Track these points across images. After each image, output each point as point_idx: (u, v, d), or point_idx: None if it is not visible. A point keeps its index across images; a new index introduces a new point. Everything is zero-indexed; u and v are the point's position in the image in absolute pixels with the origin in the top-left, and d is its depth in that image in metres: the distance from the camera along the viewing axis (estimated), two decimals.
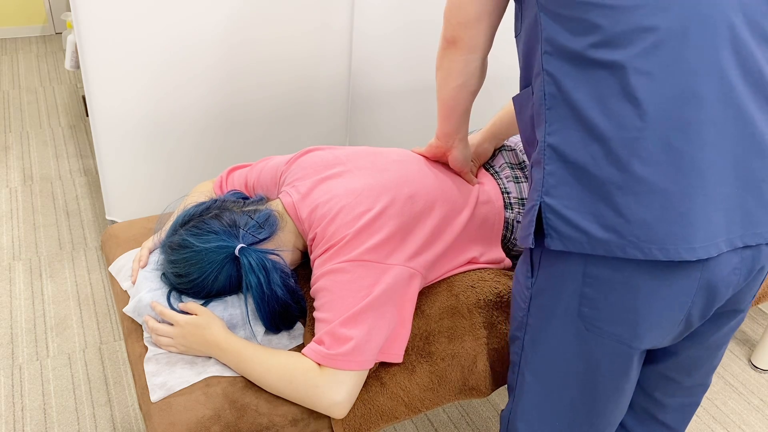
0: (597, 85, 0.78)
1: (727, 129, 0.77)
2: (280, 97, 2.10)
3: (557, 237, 0.83)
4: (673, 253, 0.77)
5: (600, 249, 0.80)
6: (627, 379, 0.94)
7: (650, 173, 0.77)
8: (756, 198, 0.80)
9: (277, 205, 1.18)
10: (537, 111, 0.86)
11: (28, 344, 1.82)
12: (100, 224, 2.35)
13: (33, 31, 4.11)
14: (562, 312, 0.90)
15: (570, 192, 0.81)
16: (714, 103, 0.76)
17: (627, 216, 0.78)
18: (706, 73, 0.76)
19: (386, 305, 1.04)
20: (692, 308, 0.84)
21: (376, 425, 1.07)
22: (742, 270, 0.83)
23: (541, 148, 0.84)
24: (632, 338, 0.86)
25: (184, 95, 1.93)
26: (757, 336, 2.02)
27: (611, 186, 0.78)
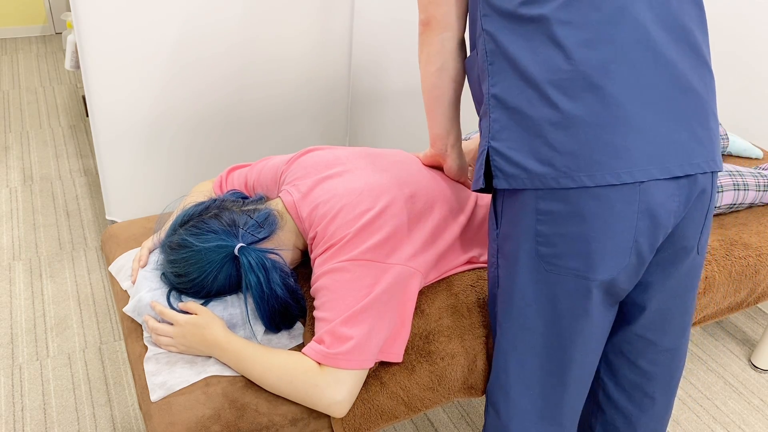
0: (528, 37, 0.89)
1: (647, 69, 0.87)
2: (280, 97, 2.10)
3: (502, 176, 0.93)
4: (600, 178, 0.87)
5: (537, 182, 0.90)
6: (590, 321, 0.98)
7: (577, 109, 0.86)
8: (688, 131, 0.90)
9: (277, 204, 1.18)
10: (481, 68, 0.96)
11: (28, 344, 1.82)
12: (100, 224, 2.35)
13: (33, 31, 4.11)
14: (524, 255, 0.96)
15: (511, 134, 0.92)
16: (630, 46, 0.87)
17: (559, 149, 0.88)
18: (621, 20, 0.87)
19: (387, 304, 1.04)
20: (638, 235, 0.91)
21: (376, 425, 1.07)
22: (680, 197, 0.91)
23: (486, 100, 0.95)
24: (587, 269, 0.92)
25: (184, 95, 1.93)
26: (757, 336, 2.02)
27: (545, 124, 0.88)
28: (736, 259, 1.39)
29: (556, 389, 1.03)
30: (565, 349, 1.00)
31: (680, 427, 1.69)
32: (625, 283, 0.97)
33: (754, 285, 1.42)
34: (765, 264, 1.42)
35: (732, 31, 2.05)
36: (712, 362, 1.91)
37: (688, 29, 0.91)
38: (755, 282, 1.42)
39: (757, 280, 1.42)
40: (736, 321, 2.08)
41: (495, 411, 1.08)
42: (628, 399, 1.15)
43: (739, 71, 2.07)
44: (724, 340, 2.00)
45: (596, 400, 1.19)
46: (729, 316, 1.52)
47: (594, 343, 1.02)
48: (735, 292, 1.40)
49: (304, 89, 2.13)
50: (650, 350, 1.10)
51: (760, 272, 1.41)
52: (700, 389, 1.81)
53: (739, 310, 1.47)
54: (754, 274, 1.41)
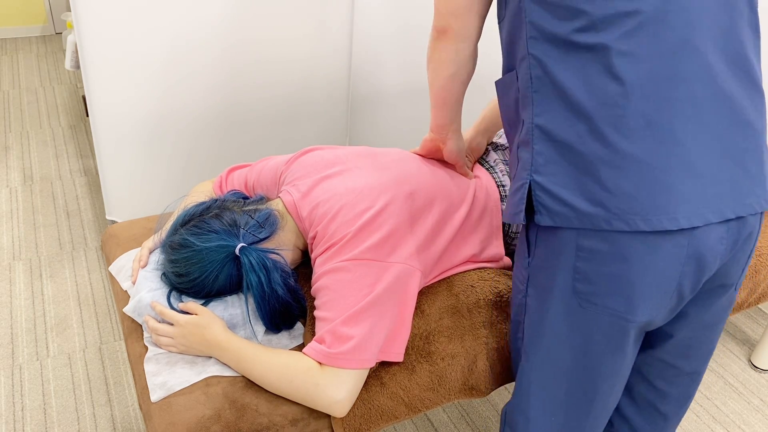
0: (582, 66, 0.82)
1: (707, 105, 0.81)
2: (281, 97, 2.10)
3: (546, 213, 0.87)
4: (656, 223, 0.81)
5: (587, 222, 0.84)
6: (623, 358, 0.95)
7: (633, 148, 0.80)
8: (742, 169, 0.84)
9: (277, 204, 1.18)
10: (523, 94, 0.90)
11: (28, 344, 1.82)
12: (100, 224, 2.35)
13: (33, 31, 4.11)
14: (558, 289, 0.91)
15: (558, 169, 0.85)
16: (692, 81, 0.80)
17: (612, 189, 0.82)
18: (684, 53, 0.80)
19: (387, 304, 1.04)
20: (682, 278, 0.86)
21: (376, 425, 1.07)
22: (728, 240, 0.87)
23: (528, 129, 0.88)
24: (627, 310, 0.88)
25: (184, 95, 1.93)
26: (757, 336, 2.02)
27: (597, 161, 0.82)
28: None
29: (580, 418, 1.00)
30: (593, 382, 0.96)
31: (680, 427, 1.69)
32: (661, 321, 0.93)
33: (754, 285, 1.42)
34: (765, 264, 1.42)
35: None
36: (712, 362, 1.91)
37: (747, 58, 0.85)
38: (755, 282, 1.42)
39: (757, 280, 1.42)
40: (736, 321, 2.08)
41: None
42: (640, 415, 1.12)
43: None
44: (724, 340, 2.00)
45: None
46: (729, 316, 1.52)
47: (622, 377, 0.98)
48: None
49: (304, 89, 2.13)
50: (670, 373, 1.07)
51: (760, 272, 1.41)
52: (700, 389, 1.81)
53: (739, 310, 1.47)
54: (754, 274, 1.41)
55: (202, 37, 1.87)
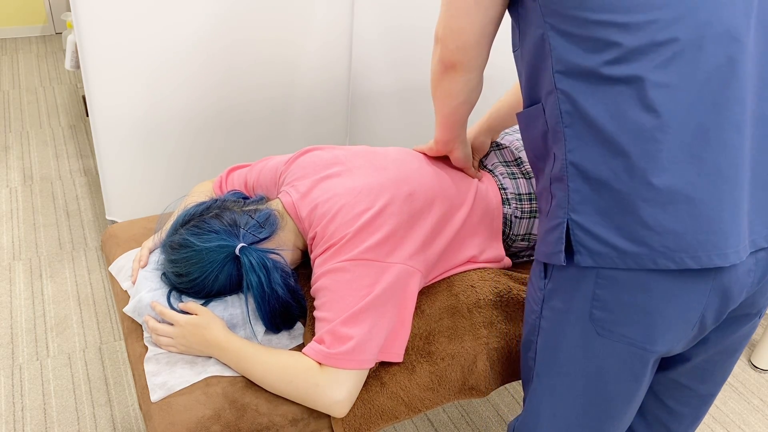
0: (615, 100, 0.77)
1: (745, 130, 0.78)
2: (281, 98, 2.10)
3: (587, 253, 0.83)
4: (706, 260, 0.78)
5: (631, 262, 0.80)
6: (639, 385, 0.92)
7: (674, 183, 0.77)
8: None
9: (277, 204, 1.18)
10: (553, 129, 0.86)
11: (28, 344, 1.82)
12: (100, 224, 2.35)
13: (33, 31, 4.11)
14: (575, 315, 0.89)
15: (596, 208, 0.82)
16: (732, 108, 0.76)
17: (655, 228, 0.78)
18: (721, 80, 0.76)
19: (387, 304, 1.04)
20: (706, 311, 0.84)
21: (376, 425, 1.07)
22: (757, 272, 0.83)
23: (563, 166, 0.85)
24: (646, 341, 0.85)
25: (184, 95, 1.93)
26: (757, 336, 2.02)
27: (636, 199, 0.78)
28: None
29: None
30: (606, 409, 0.94)
31: None
32: (680, 350, 0.91)
33: None
34: None
35: None
36: None
37: None
38: None
39: None
40: None
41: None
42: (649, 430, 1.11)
43: None
44: None
45: None
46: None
47: (636, 402, 0.96)
48: None
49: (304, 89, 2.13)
50: (684, 394, 1.05)
51: None
52: None
53: None
54: None
55: (203, 37, 1.87)
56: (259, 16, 1.92)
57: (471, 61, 0.96)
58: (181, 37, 1.84)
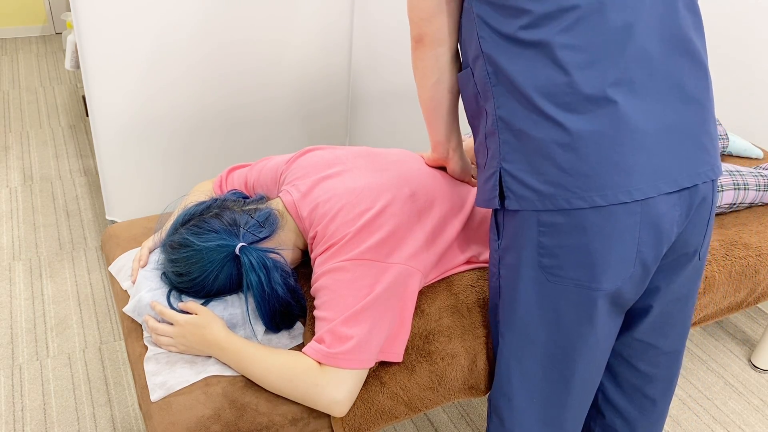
0: (530, 60, 0.87)
1: (651, 85, 0.88)
2: (281, 97, 2.10)
3: (514, 198, 0.93)
4: (612, 197, 0.87)
5: (549, 203, 0.90)
6: (595, 330, 0.97)
7: (584, 129, 0.86)
8: (692, 141, 0.91)
9: (277, 203, 1.18)
10: (483, 88, 0.95)
11: (28, 344, 1.82)
12: (100, 224, 2.35)
13: (33, 31, 4.12)
14: (526, 266, 0.96)
15: (521, 156, 0.92)
16: (634, 64, 0.86)
17: (568, 170, 0.88)
18: (623, 40, 0.86)
19: (387, 304, 1.04)
20: (641, 245, 0.91)
21: (376, 425, 1.07)
22: (681, 206, 0.92)
23: (493, 121, 0.94)
24: (590, 279, 0.92)
25: (184, 96, 1.93)
26: (757, 336, 2.02)
27: (553, 145, 0.88)
28: (736, 259, 1.39)
29: (560, 397, 1.03)
30: (569, 359, 1.00)
31: (680, 427, 1.69)
32: (631, 293, 0.97)
33: (754, 285, 1.42)
34: (765, 264, 1.42)
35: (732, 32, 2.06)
36: (712, 362, 1.91)
37: (688, 38, 0.91)
38: (755, 282, 1.42)
39: (757, 280, 1.42)
40: (736, 321, 2.08)
41: (498, 418, 1.08)
42: (628, 401, 1.15)
43: (739, 72, 2.07)
44: (724, 340, 2.00)
45: (595, 403, 1.19)
46: (729, 316, 1.52)
47: (599, 353, 1.01)
48: (735, 292, 1.40)
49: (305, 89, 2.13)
50: (651, 353, 1.11)
51: (760, 272, 1.41)
52: (700, 389, 1.81)
53: (739, 310, 1.47)
54: (754, 274, 1.41)
55: (203, 37, 1.87)
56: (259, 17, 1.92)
57: (436, 32, 1.02)
58: (181, 38, 1.84)
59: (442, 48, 1.04)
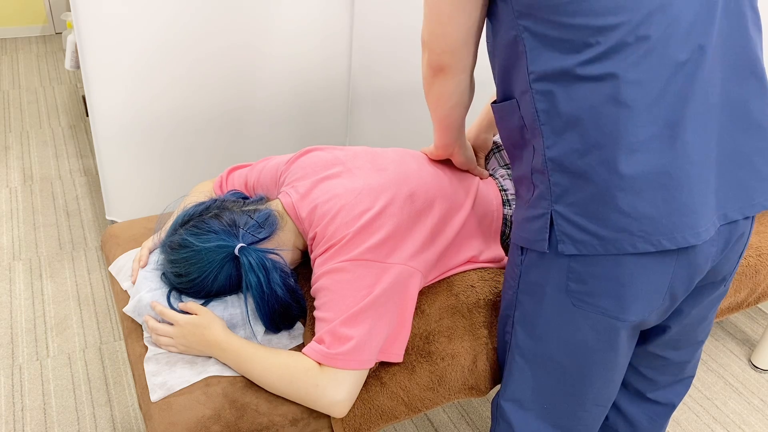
0: (589, 97, 0.81)
1: (713, 115, 0.83)
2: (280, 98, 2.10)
3: (570, 242, 0.88)
4: (681, 240, 0.83)
5: (612, 248, 0.85)
6: (615, 355, 0.96)
7: (647, 171, 0.81)
8: (749, 170, 0.87)
9: (276, 204, 1.18)
10: (530, 125, 0.89)
11: (28, 344, 1.82)
12: (100, 224, 2.35)
13: (33, 31, 4.11)
14: (551, 288, 0.93)
15: (576, 199, 0.86)
16: (698, 96, 0.81)
17: (632, 214, 0.82)
18: (689, 71, 0.80)
19: (387, 305, 1.04)
20: (674, 281, 0.88)
21: (376, 425, 1.07)
22: (719, 242, 0.89)
23: (542, 160, 0.88)
24: (618, 311, 0.90)
25: (184, 96, 1.93)
26: (757, 336, 2.02)
27: (612, 189, 0.82)
28: None
29: (573, 410, 1.02)
30: (585, 379, 0.98)
31: (680, 427, 1.69)
32: (653, 321, 0.95)
33: (754, 285, 1.42)
34: (765, 264, 1.42)
35: None
36: (712, 362, 1.91)
37: (755, 57, 0.85)
38: (755, 282, 1.42)
39: (757, 280, 1.42)
40: (736, 321, 2.08)
41: (507, 423, 1.07)
42: (632, 403, 1.15)
43: None
44: (724, 340, 2.00)
45: None
46: (729, 316, 1.52)
47: (617, 373, 1.00)
48: (735, 292, 1.40)
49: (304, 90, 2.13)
50: (659, 362, 1.10)
51: (760, 272, 1.41)
52: (700, 389, 1.81)
53: (739, 310, 1.46)
54: (754, 274, 1.40)
55: (203, 37, 1.87)
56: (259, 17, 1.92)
57: (458, 63, 0.97)
58: (181, 38, 1.84)
59: (464, 75, 1.00)
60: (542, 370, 1.00)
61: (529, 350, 1.01)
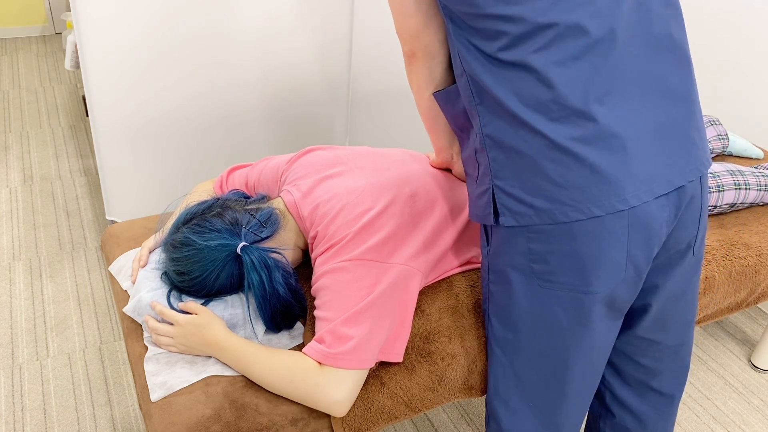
0: (512, 79, 0.87)
1: (635, 90, 0.87)
2: (281, 97, 2.10)
3: (509, 214, 0.93)
4: (609, 206, 0.87)
5: (546, 218, 0.90)
6: (590, 333, 0.97)
7: (575, 144, 0.86)
8: (683, 139, 0.91)
9: (278, 203, 1.18)
10: (468, 106, 0.95)
11: (28, 344, 1.82)
12: (100, 224, 2.35)
13: (33, 31, 4.11)
14: (517, 273, 0.96)
15: (512, 173, 0.91)
16: (617, 73, 0.86)
17: (562, 184, 0.87)
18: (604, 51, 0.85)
19: (387, 304, 1.04)
20: (631, 247, 0.91)
21: (376, 425, 1.07)
22: (670, 206, 0.92)
23: (481, 139, 0.94)
24: (582, 283, 0.92)
25: (184, 95, 1.93)
26: (757, 336, 2.02)
27: (544, 161, 0.87)
28: (736, 259, 1.39)
29: (557, 401, 1.03)
30: (564, 363, 1.00)
31: (680, 427, 1.69)
32: (626, 295, 0.97)
33: (754, 285, 1.42)
34: (765, 264, 1.42)
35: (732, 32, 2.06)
36: (712, 362, 1.91)
37: (668, 33, 0.90)
38: (755, 282, 1.42)
39: (757, 280, 1.42)
40: (736, 321, 2.08)
41: (496, 421, 1.08)
42: (637, 396, 1.15)
43: (739, 72, 2.07)
44: (724, 340, 2.00)
45: (604, 402, 1.19)
46: (729, 316, 1.52)
47: (595, 356, 1.01)
48: (735, 292, 1.40)
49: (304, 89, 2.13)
50: (653, 348, 1.11)
51: (760, 272, 1.41)
52: (700, 389, 1.81)
53: (739, 310, 1.47)
54: (754, 274, 1.41)
55: (203, 37, 1.87)
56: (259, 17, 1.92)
57: (426, 47, 1.01)
58: (181, 37, 1.84)
59: (435, 61, 1.03)
60: (522, 360, 1.02)
61: (507, 341, 1.02)
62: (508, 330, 1.01)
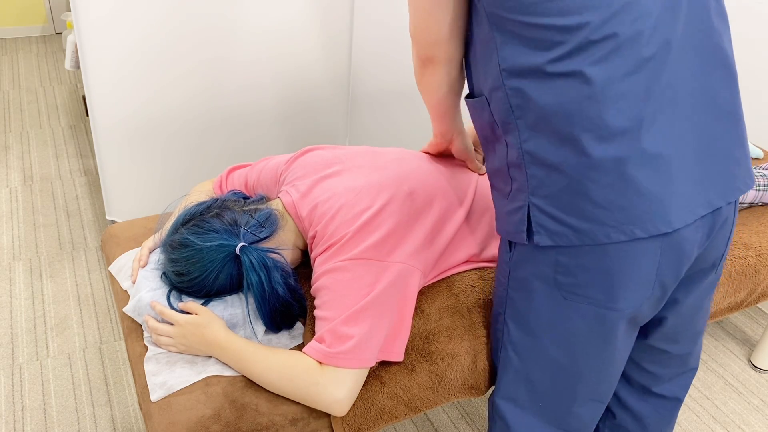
0: (559, 93, 0.83)
1: (686, 106, 0.84)
2: (280, 97, 2.10)
3: (545, 233, 0.90)
4: (652, 228, 0.85)
5: (586, 239, 0.87)
6: (611, 348, 0.96)
7: (620, 165, 0.83)
8: (727, 158, 0.88)
9: (277, 204, 1.18)
10: (503, 119, 0.90)
11: (28, 344, 1.82)
12: (100, 224, 2.35)
13: (33, 31, 4.11)
14: (540, 282, 0.94)
15: (551, 191, 0.88)
16: (668, 89, 0.82)
17: (605, 205, 0.85)
18: (658, 65, 0.81)
19: (387, 303, 1.04)
20: (661, 268, 0.89)
21: (376, 425, 1.07)
22: (704, 228, 0.90)
23: (519, 154, 0.90)
24: (608, 300, 0.90)
25: (184, 95, 1.93)
26: (757, 336, 2.02)
27: (586, 180, 0.84)
28: (736, 259, 1.39)
29: (567, 403, 1.03)
30: (580, 373, 0.99)
31: (680, 427, 1.69)
32: (648, 312, 0.95)
33: (754, 285, 1.42)
34: (765, 264, 1.42)
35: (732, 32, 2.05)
36: (712, 362, 1.91)
37: (721, 48, 0.87)
38: (755, 282, 1.42)
39: (757, 280, 1.42)
40: (736, 321, 2.08)
41: (503, 420, 1.07)
42: (639, 398, 1.15)
43: (738, 72, 2.07)
44: (724, 340, 2.00)
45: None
46: (729, 316, 1.52)
47: (612, 367, 1.01)
48: (735, 292, 1.40)
49: (304, 89, 2.13)
50: (662, 356, 1.10)
51: (760, 272, 1.41)
52: (700, 389, 1.81)
53: (739, 310, 1.47)
54: (754, 274, 1.40)
55: (203, 37, 1.87)
56: (259, 17, 1.92)
57: (445, 54, 0.99)
58: (181, 37, 1.84)
59: (453, 63, 1.01)
60: (536, 365, 1.01)
61: (523, 346, 1.01)
62: (526, 334, 1.00)
